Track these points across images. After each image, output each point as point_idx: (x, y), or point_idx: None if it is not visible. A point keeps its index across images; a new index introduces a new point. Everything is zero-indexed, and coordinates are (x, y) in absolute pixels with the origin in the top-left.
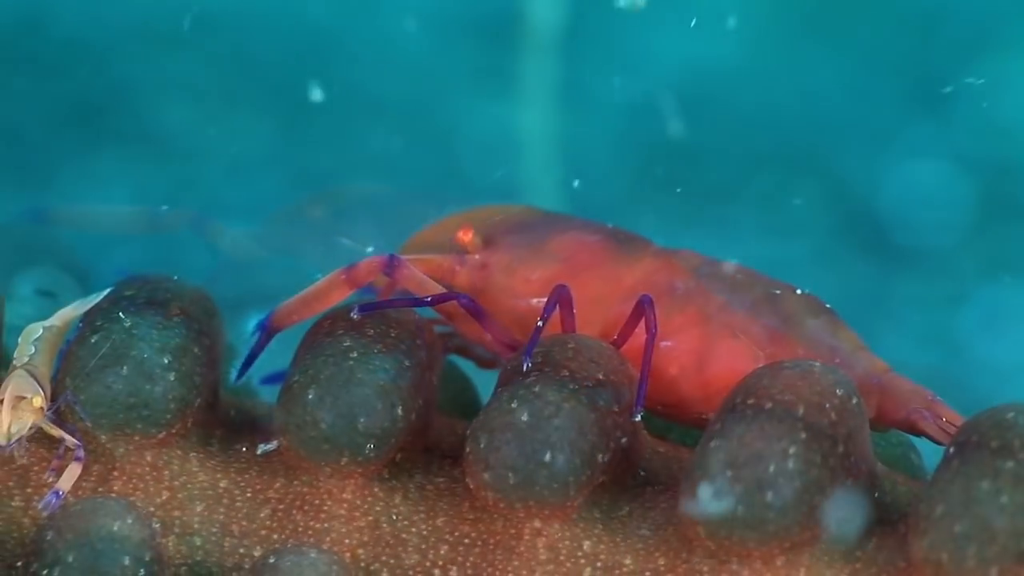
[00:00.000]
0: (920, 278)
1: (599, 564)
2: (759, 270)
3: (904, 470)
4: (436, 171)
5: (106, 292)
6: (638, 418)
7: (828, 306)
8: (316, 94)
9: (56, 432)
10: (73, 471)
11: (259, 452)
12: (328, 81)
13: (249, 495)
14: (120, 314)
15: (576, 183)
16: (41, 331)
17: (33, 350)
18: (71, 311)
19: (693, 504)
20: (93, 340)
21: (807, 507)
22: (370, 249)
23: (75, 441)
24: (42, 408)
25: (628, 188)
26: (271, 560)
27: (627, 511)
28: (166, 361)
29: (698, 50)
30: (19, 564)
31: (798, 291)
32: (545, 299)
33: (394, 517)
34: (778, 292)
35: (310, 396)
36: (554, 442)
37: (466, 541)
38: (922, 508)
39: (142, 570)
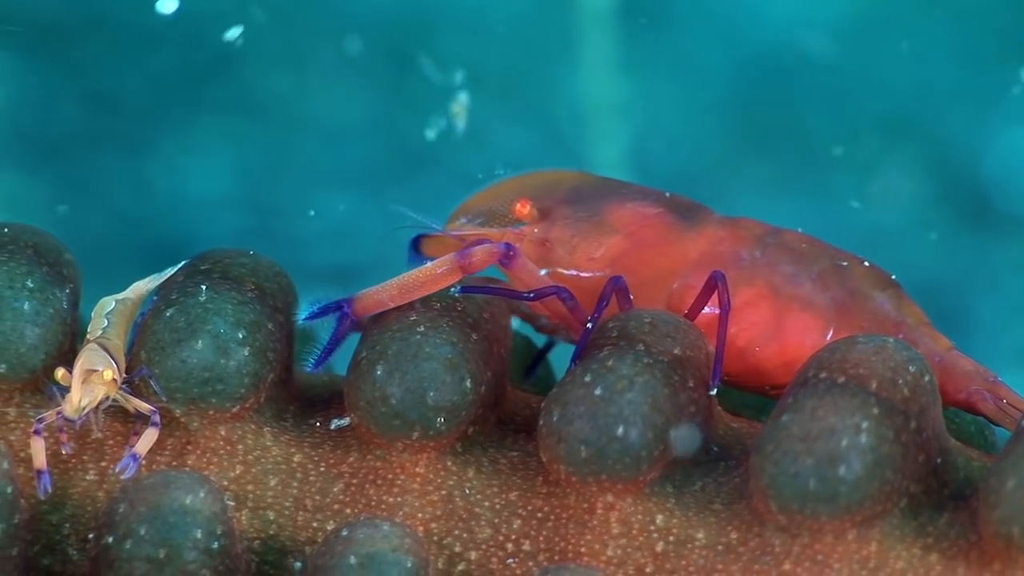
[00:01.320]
0: (1021, 245)
1: (671, 538)
2: (854, 237)
3: (979, 447)
4: (535, 140)
5: (180, 265)
6: (714, 392)
7: (894, 278)
8: (415, 62)
9: (131, 404)
10: (150, 436)
11: (332, 427)
12: (427, 50)
13: (323, 469)
14: (196, 288)
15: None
16: (114, 304)
17: (106, 323)
18: (145, 284)
19: (765, 477)
20: (168, 314)
21: (879, 482)
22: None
23: (151, 408)
24: (114, 380)
25: (725, 154)
26: (344, 532)
27: (700, 486)
28: (241, 336)
29: (800, 13)
30: (91, 536)
31: (865, 263)
32: (610, 275)
33: (467, 491)
34: (845, 264)
35: (378, 372)
36: (627, 416)
37: (539, 515)
38: (992, 482)
39: (214, 544)
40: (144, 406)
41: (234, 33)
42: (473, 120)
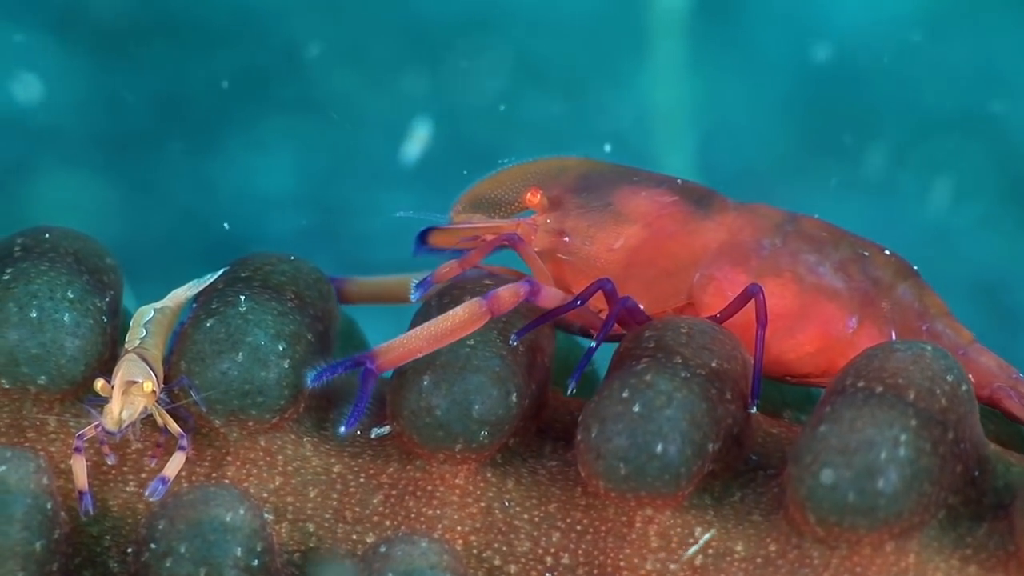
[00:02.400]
0: None
1: (710, 551)
2: (920, 235)
3: (1018, 449)
4: (595, 138)
5: (220, 272)
6: (753, 410)
7: (915, 269)
8: (479, 59)
9: (164, 419)
10: (178, 460)
11: (372, 436)
12: (488, 48)
13: (362, 480)
14: (236, 298)
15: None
16: (153, 313)
17: (144, 333)
18: (184, 292)
19: (803, 489)
20: (208, 324)
21: (917, 494)
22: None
23: (179, 431)
24: (154, 392)
25: (791, 152)
26: (382, 549)
27: (739, 497)
28: (281, 348)
29: (868, 11)
30: (130, 550)
31: (886, 251)
32: (634, 269)
33: (506, 503)
34: (866, 253)
35: (425, 382)
36: (666, 433)
37: (578, 528)
38: None
39: (254, 561)
40: (174, 427)
41: None
42: (536, 118)
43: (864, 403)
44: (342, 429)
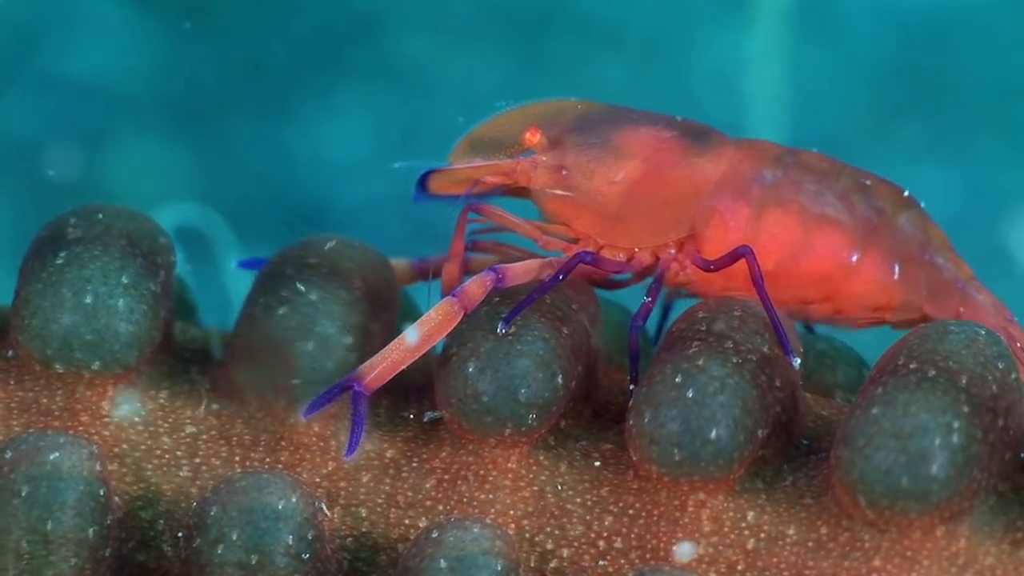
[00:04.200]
0: None
1: (762, 535)
2: (998, 199)
3: None
4: (669, 100)
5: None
6: (797, 363)
7: (920, 203)
8: (553, 25)
9: None
10: None
11: (425, 420)
12: (565, 12)
13: (415, 464)
14: (307, 285)
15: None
16: None
17: None
18: None
19: (855, 472)
20: (280, 312)
21: (967, 480)
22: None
23: None
24: None
25: (873, 117)
26: (434, 534)
27: (790, 481)
28: (348, 342)
29: None
30: (180, 535)
31: (888, 182)
32: (635, 201)
33: (559, 487)
34: (868, 183)
35: (470, 369)
36: (719, 419)
37: (630, 512)
38: None
39: (305, 549)
40: None
41: None
42: (613, 83)
43: (917, 387)
44: (347, 456)
